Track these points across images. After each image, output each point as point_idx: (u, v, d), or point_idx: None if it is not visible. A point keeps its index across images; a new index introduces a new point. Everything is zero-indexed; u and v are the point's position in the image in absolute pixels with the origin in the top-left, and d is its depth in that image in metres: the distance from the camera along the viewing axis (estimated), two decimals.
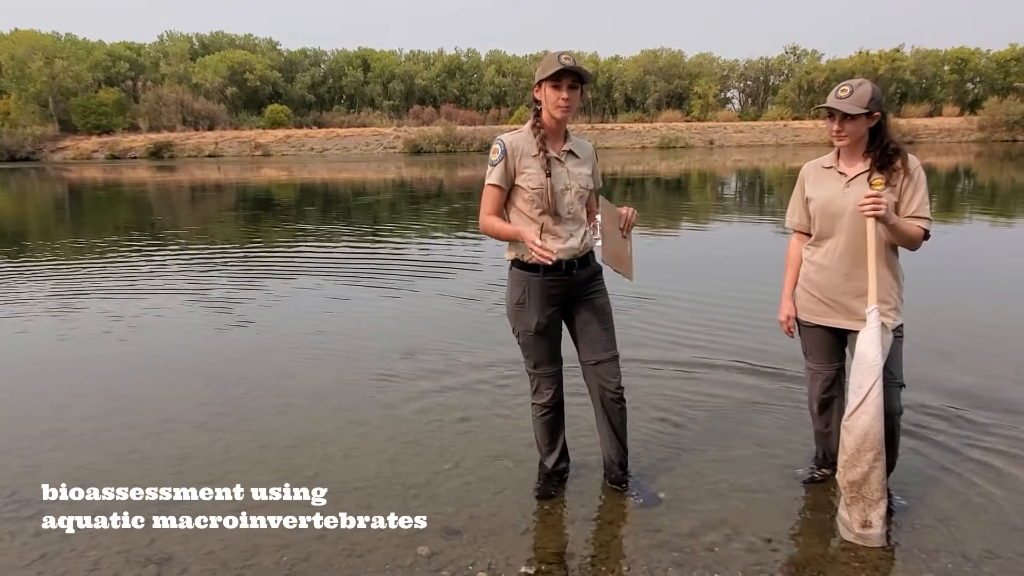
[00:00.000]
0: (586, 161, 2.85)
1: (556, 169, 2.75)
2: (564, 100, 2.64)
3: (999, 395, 4.02)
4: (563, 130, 2.80)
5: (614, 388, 2.90)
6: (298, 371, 4.72)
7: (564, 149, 2.80)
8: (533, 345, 2.90)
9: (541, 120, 2.75)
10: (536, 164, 2.73)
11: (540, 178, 2.72)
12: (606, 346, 2.89)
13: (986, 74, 72.04)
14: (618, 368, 2.92)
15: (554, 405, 3.02)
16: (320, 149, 52.59)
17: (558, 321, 2.92)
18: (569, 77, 2.63)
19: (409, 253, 9.77)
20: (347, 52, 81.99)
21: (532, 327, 2.85)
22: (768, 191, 20.17)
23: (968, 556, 2.55)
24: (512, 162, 2.76)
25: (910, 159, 2.68)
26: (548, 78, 2.64)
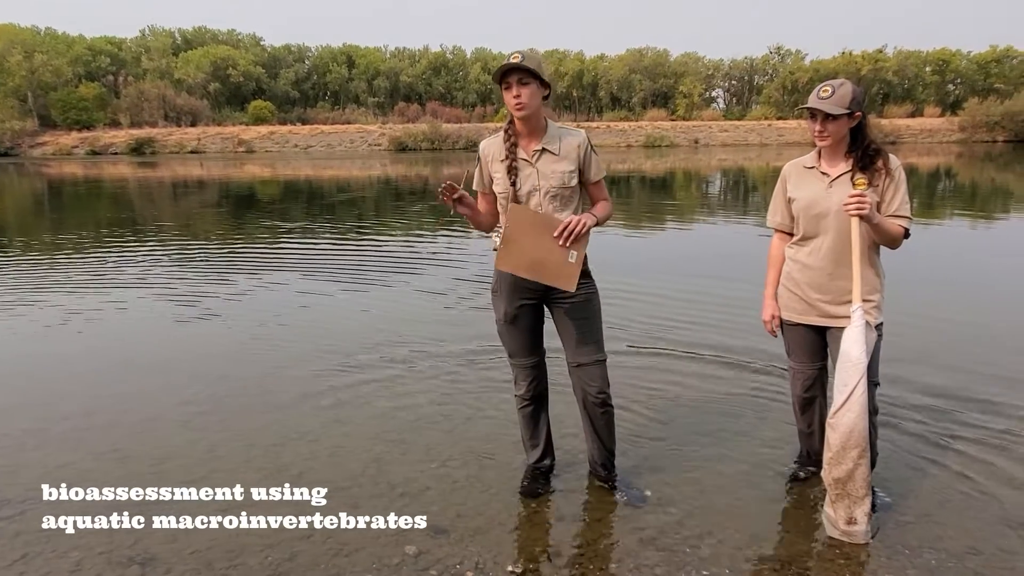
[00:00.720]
0: (566, 156, 2.74)
1: (524, 172, 2.73)
2: (515, 98, 2.61)
3: (978, 391, 4.07)
4: (537, 127, 2.73)
5: (595, 392, 2.87)
6: (280, 369, 4.68)
7: (536, 148, 2.73)
8: (505, 334, 2.94)
9: (514, 126, 2.74)
10: (503, 169, 2.74)
11: (504, 183, 2.74)
12: (589, 350, 2.85)
13: (967, 75, 72.99)
14: (602, 372, 2.87)
15: (532, 398, 3.02)
16: (304, 146, 52.29)
17: (533, 315, 2.90)
18: (515, 75, 2.59)
19: (391, 249, 9.72)
20: (332, 48, 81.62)
21: (501, 315, 2.89)
22: (752, 190, 20.30)
23: (951, 552, 2.58)
24: (486, 168, 2.81)
25: (891, 159, 2.70)
26: (498, 80, 2.63)
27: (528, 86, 2.61)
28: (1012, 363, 4.57)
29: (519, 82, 2.61)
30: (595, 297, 2.86)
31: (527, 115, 2.66)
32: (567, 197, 2.76)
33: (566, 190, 2.75)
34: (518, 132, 2.75)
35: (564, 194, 2.75)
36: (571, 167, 2.75)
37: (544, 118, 2.76)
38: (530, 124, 2.71)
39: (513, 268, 2.69)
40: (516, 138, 2.75)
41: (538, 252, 2.65)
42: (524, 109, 2.63)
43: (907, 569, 2.49)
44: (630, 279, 6.99)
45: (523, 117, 2.67)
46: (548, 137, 2.75)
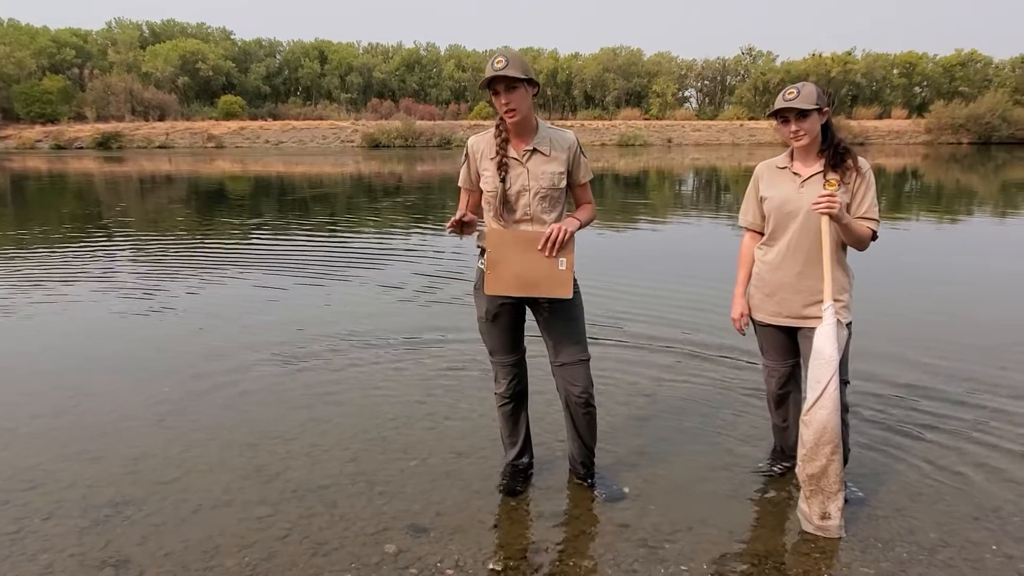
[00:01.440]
0: (557, 158, 2.74)
1: (514, 171, 2.72)
2: (506, 105, 2.61)
3: (945, 386, 4.16)
4: (528, 128, 2.73)
5: (578, 392, 2.86)
6: (254, 367, 4.63)
7: (527, 148, 2.73)
8: (486, 332, 2.94)
9: (504, 123, 2.73)
10: (492, 167, 2.73)
11: (494, 182, 2.72)
12: (572, 349, 2.85)
13: (933, 78, 74.58)
14: (586, 372, 2.87)
15: (512, 396, 3.02)
16: (275, 141, 51.64)
17: (515, 314, 2.90)
18: (501, 82, 2.58)
19: (360, 245, 9.66)
20: (303, 43, 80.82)
21: (483, 313, 2.89)
22: (725, 189, 20.52)
23: (922, 545, 2.64)
24: (474, 164, 2.80)
25: (860, 159, 2.75)
26: (485, 87, 2.62)
27: (516, 91, 2.60)
28: (977, 358, 4.68)
29: (507, 89, 2.60)
30: (578, 297, 2.85)
31: (519, 119, 2.65)
32: (556, 198, 2.76)
33: (555, 191, 2.75)
34: (509, 130, 2.74)
35: (553, 195, 2.75)
36: (561, 168, 2.75)
37: (535, 118, 2.75)
38: (521, 125, 2.71)
39: (505, 290, 2.70)
40: (507, 135, 2.74)
41: (526, 269, 2.66)
42: (515, 114, 2.63)
43: (880, 562, 2.54)
44: (602, 276, 7.03)
45: (515, 122, 2.66)
46: (539, 137, 2.74)
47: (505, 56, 2.58)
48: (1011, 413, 3.82)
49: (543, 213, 2.74)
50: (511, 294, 2.71)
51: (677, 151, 44.71)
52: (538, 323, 2.92)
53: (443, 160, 34.22)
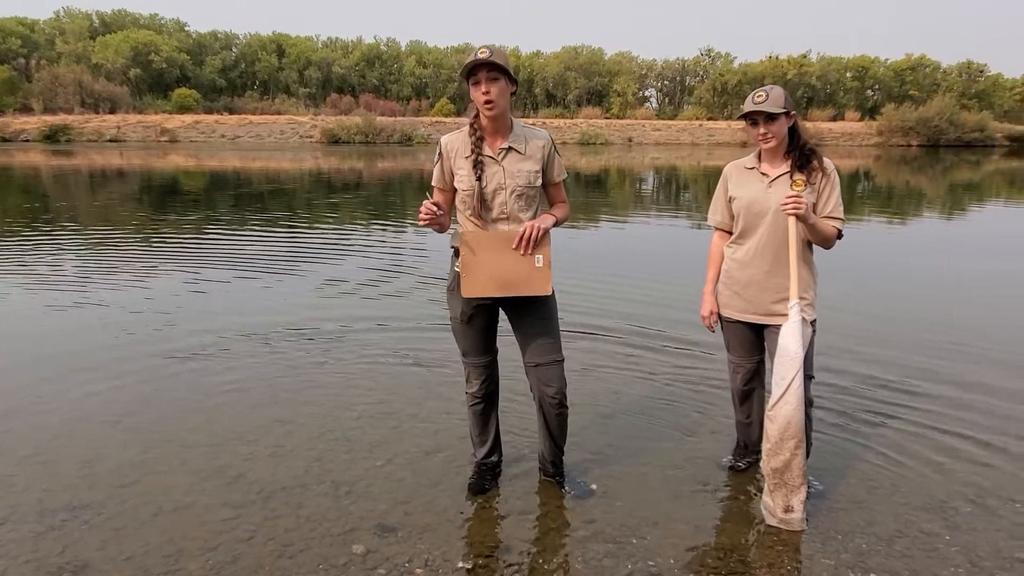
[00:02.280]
0: (532, 156, 2.74)
1: (490, 169, 2.70)
2: (485, 95, 2.59)
3: (899, 382, 4.29)
4: (504, 125, 2.72)
5: (553, 393, 2.86)
6: (212, 366, 4.54)
7: (503, 146, 2.71)
8: (460, 333, 2.92)
9: (479, 120, 2.71)
10: (467, 166, 2.71)
11: (470, 180, 2.70)
12: (546, 350, 2.84)
13: (884, 82, 76.71)
14: (560, 373, 2.87)
15: (484, 396, 3.02)
16: (232, 136, 50.61)
17: (488, 314, 2.90)
18: (484, 70, 2.56)
19: (314, 240, 9.54)
20: (260, 36, 79.46)
21: (457, 314, 2.87)
22: (684, 188, 20.80)
23: (880, 536, 2.72)
24: (448, 163, 2.76)
25: (825, 160, 2.82)
26: (466, 76, 2.60)
27: (497, 82, 2.59)
28: (928, 353, 4.82)
29: (488, 78, 2.57)
30: (551, 298, 2.84)
31: (497, 113, 2.63)
32: (532, 196, 2.76)
33: (531, 189, 2.74)
34: (484, 128, 2.72)
35: (529, 193, 2.74)
36: (536, 167, 2.75)
37: (510, 117, 2.74)
38: (497, 122, 2.69)
39: (482, 292, 2.69)
40: (482, 134, 2.72)
41: (503, 269, 2.65)
42: (494, 107, 2.60)
43: (840, 553, 2.60)
44: (565, 274, 7.06)
45: (493, 115, 2.64)
46: (514, 136, 2.73)
47: (489, 47, 2.56)
48: (961, 406, 3.95)
49: (520, 212, 2.73)
50: (489, 295, 2.70)
51: (638, 150, 45.15)
52: (512, 324, 2.92)
53: (404, 157, 33.96)
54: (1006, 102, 74.20)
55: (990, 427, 3.69)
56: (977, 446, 3.49)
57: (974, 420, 3.78)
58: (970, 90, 72.93)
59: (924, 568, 2.52)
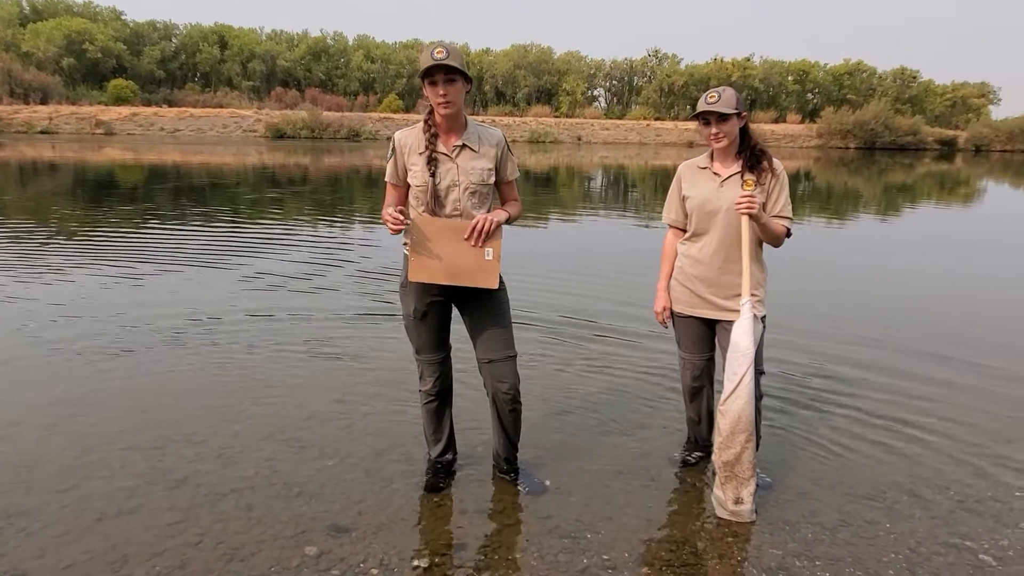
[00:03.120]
0: (485, 154, 2.76)
1: (444, 166, 2.71)
2: (442, 96, 2.60)
3: (841, 377, 4.44)
4: (458, 123, 2.73)
5: (507, 389, 2.87)
6: (155, 366, 4.40)
7: (456, 144, 2.72)
8: (413, 330, 2.91)
9: (433, 117, 2.71)
10: (421, 162, 2.71)
11: (423, 176, 2.70)
12: (499, 346, 2.85)
13: (824, 86, 79.12)
14: (513, 369, 2.88)
15: (438, 393, 3.01)
16: (171, 129, 49.04)
17: (442, 312, 2.89)
18: (441, 72, 2.57)
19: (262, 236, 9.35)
20: (202, 27, 77.23)
21: (410, 311, 2.86)
22: (633, 186, 21.08)
23: (825, 525, 2.81)
24: (401, 159, 2.76)
25: (774, 161, 2.90)
26: (423, 75, 2.60)
27: (454, 83, 2.60)
28: (868, 348, 5.01)
29: (445, 80, 2.58)
30: (504, 294, 2.87)
31: (452, 112, 2.64)
32: (485, 194, 2.77)
33: (484, 187, 2.76)
34: (438, 125, 2.72)
35: (483, 191, 2.76)
36: (490, 165, 2.77)
37: (464, 115, 2.75)
38: (452, 120, 2.70)
39: (429, 278, 2.68)
40: (436, 131, 2.72)
41: (452, 258, 2.65)
42: (450, 107, 2.62)
43: (788, 543, 2.68)
44: (517, 269, 7.08)
45: (447, 115, 2.65)
46: (468, 134, 2.75)
47: (445, 47, 2.56)
48: (899, 398, 4.12)
49: (473, 209, 2.74)
50: (435, 282, 2.69)
51: (586, 149, 45.55)
52: (464, 320, 2.91)
53: (351, 153, 33.50)
54: (937, 107, 77.48)
55: (926, 418, 3.86)
56: (913, 437, 3.64)
57: (912, 412, 3.94)
58: (904, 95, 75.90)
59: (866, 555, 2.61)
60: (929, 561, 2.59)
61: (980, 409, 4.01)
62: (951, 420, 3.85)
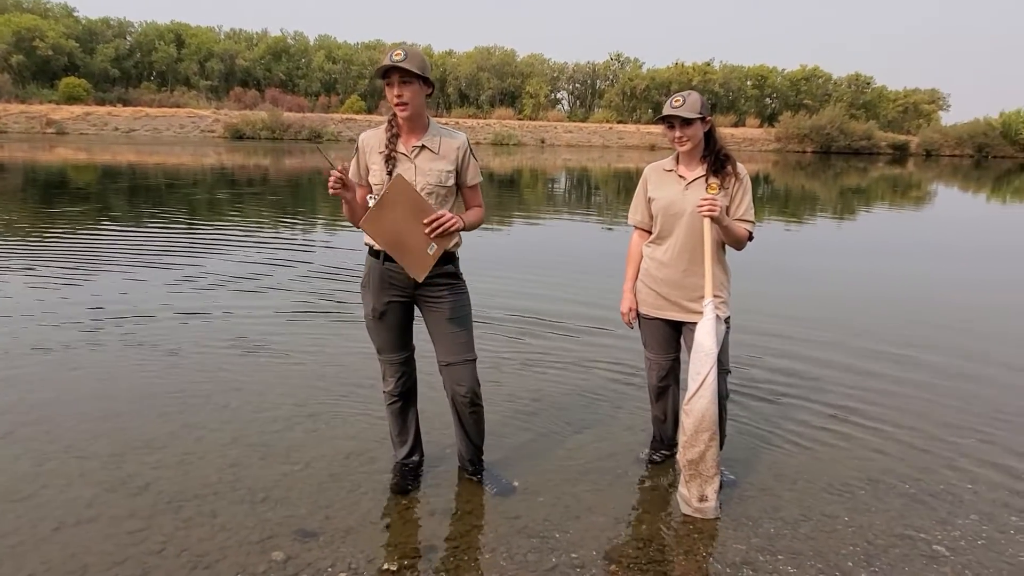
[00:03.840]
0: (446, 156, 2.77)
1: (401, 166, 2.72)
2: (398, 98, 2.62)
3: (804, 374, 4.55)
4: (420, 125, 2.75)
5: (464, 392, 2.89)
6: (112, 372, 4.30)
7: (416, 144, 2.74)
8: (373, 329, 2.92)
9: (396, 118, 2.73)
10: (380, 161, 2.73)
11: (381, 175, 2.72)
12: (458, 349, 2.87)
13: (781, 91, 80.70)
14: (472, 372, 2.89)
15: (401, 394, 3.01)
16: (126, 129, 47.87)
17: (402, 311, 2.89)
18: (397, 74, 2.59)
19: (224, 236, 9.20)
20: (158, 25, 75.53)
21: (370, 311, 2.87)
22: (596, 189, 21.25)
23: (786, 520, 2.87)
24: (363, 158, 2.79)
25: (738, 165, 2.96)
26: (379, 76, 2.61)
27: (410, 85, 2.62)
28: (826, 347, 5.14)
29: (400, 81, 2.60)
30: (466, 298, 2.90)
31: (410, 114, 2.66)
32: (443, 196, 2.78)
33: (443, 189, 2.76)
34: (400, 126, 2.75)
35: (441, 192, 2.76)
36: (449, 167, 2.78)
37: (427, 117, 2.77)
38: (412, 121, 2.72)
39: (376, 234, 2.65)
40: (398, 131, 2.75)
41: (404, 230, 2.63)
42: (406, 109, 2.64)
43: (751, 538, 2.74)
44: (481, 269, 7.10)
45: (406, 116, 2.67)
46: (429, 135, 2.76)
47: (404, 50, 2.60)
48: (856, 394, 4.24)
49: (438, 204, 2.75)
50: (375, 240, 2.67)
51: (550, 151, 45.73)
52: (425, 321, 2.92)
53: (313, 154, 33.11)
54: (890, 113, 79.59)
55: (881, 414, 3.98)
56: (869, 432, 3.74)
57: (868, 407, 4.06)
58: (858, 101, 77.82)
59: (826, 548, 2.68)
60: (886, 553, 2.67)
61: (931, 404, 4.15)
62: (904, 415, 3.98)
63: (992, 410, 4.10)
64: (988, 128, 59.28)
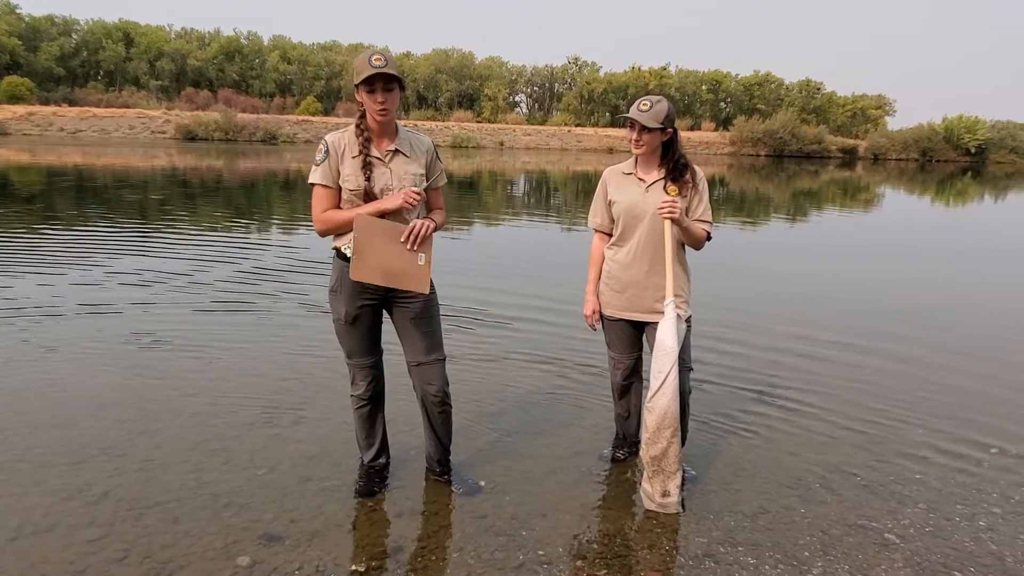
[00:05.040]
0: (417, 159, 2.80)
1: (378, 170, 2.72)
2: (380, 103, 2.62)
3: (760, 372, 4.67)
4: (390, 128, 2.76)
5: (434, 392, 2.91)
6: (66, 378, 4.19)
7: (389, 148, 2.74)
8: (344, 334, 2.90)
9: (365, 121, 2.72)
10: (355, 165, 2.71)
11: (358, 180, 2.70)
12: (427, 349, 2.89)
13: (735, 95, 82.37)
14: (441, 372, 2.92)
15: (370, 398, 3.00)
16: (72, 130, 46.42)
17: (373, 315, 2.89)
18: (382, 80, 2.60)
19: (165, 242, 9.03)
20: (105, 23, 73.55)
21: (341, 315, 2.85)
22: (555, 191, 21.38)
23: (746, 513, 2.96)
24: (335, 161, 2.74)
25: (697, 171, 3.04)
26: (362, 83, 2.61)
27: (392, 92, 2.63)
28: (781, 345, 5.29)
29: (384, 88, 2.61)
30: (435, 298, 2.91)
31: (388, 120, 2.68)
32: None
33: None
34: (371, 130, 2.74)
35: None
36: (421, 170, 2.80)
37: (395, 120, 2.77)
38: (386, 126, 2.73)
39: (368, 277, 2.67)
40: (369, 135, 2.73)
41: (389, 259, 2.66)
42: (387, 115, 2.65)
43: (712, 532, 2.81)
44: (446, 270, 7.10)
45: (383, 121, 2.68)
46: (400, 139, 2.77)
47: (383, 55, 2.59)
48: (810, 390, 4.36)
49: (406, 214, 2.75)
50: (373, 282, 2.69)
51: (509, 154, 45.85)
52: (394, 323, 2.93)
53: (268, 156, 32.63)
54: (839, 117, 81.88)
55: (835, 409, 4.11)
56: (824, 426, 3.87)
57: (822, 402, 4.20)
58: (809, 106, 79.93)
59: (784, 539, 2.77)
60: (840, 542, 2.77)
61: (880, 397, 4.31)
62: (855, 408, 4.12)
63: (937, 402, 4.27)
64: (932, 133, 61.45)
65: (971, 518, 2.99)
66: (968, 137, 60.97)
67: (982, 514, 3.02)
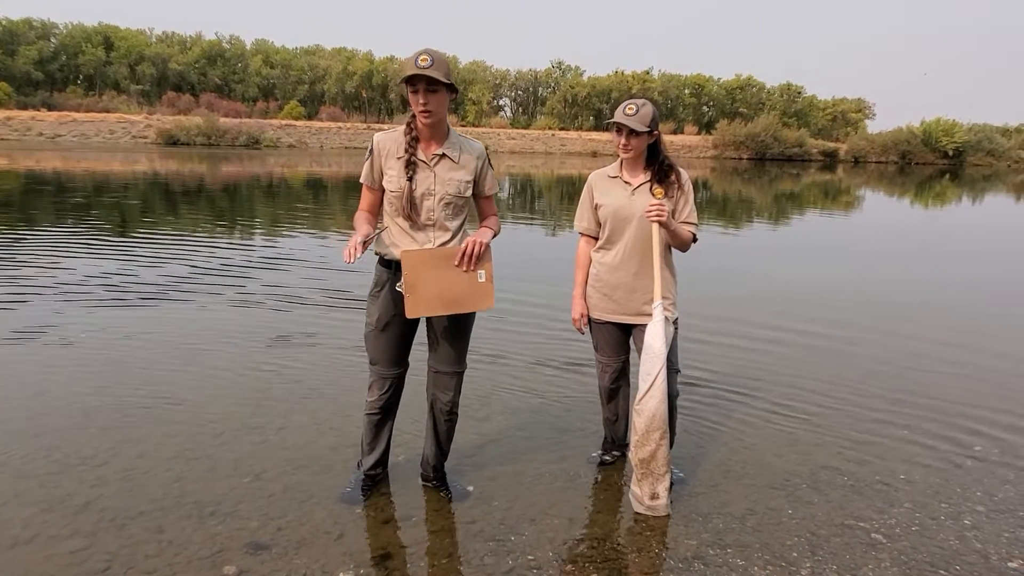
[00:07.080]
0: (465, 167, 2.74)
1: (421, 173, 2.68)
2: (423, 106, 2.56)
3: (747, 375, 4.69)
4: (440, 132, 2.70)
5: (445, 401, 2.92)
6: (48, 386, 4.13)
7: (437, 152, 2.69)
8: (372, 340, 2.86)
9: (415, 121, 2.66)
10: (398, 167, 2.67)
11: (400, 181, 2.66)
12: (450, 360, 2.88)
13: (718, 99, 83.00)
14: (457, 385, 2.92)
15: (381, 408, 2.96)
16: (51, 135, 45.93)
17: (407, 326, 2.83)
18: (423, 82, 2.53)
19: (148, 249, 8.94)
20: (84, 27, 72.88)
21: (373, 321, 2.82)
22: (540, 195, 21.42)
23: (734, 515, 2.96)
24: (378, 162, 2.71)
25: (682, 174, 3.06)
26: (404, 82, 2.56)
27: (436, 93, 2.56)
28: (768, 347, 5.32)
29: (427, 89, 2.54)
30: (473, 312, 2.86)
31: (434, 121, 2.62)
32: (460, 206, 2.76)
33: (460, 199, 2.74)
34: (419, 131, 2.68)
35: (458, 203, 2.74)
36: (468, 177, 2.75)
37: (447, 124, 2.72)
38: (433, 129, 2.67)
39: (427, 311, 2.65)
40: (417, 136, 2.68)
41: (447, 287, 2.63)
42: (431, 116, 2.59)
43: (701, 533, 2.81)
44: None
45: (428, 124, 2.62)
46: (449, 143, 2.72)
47: (430, 55, 2.52)
48: (796, 393, 4.39)
49: (446, 220, 2.72)
50: (435, 314, 2.67)
51: (494, 158, 45.38)
52: (427, 327, 2.89)
53: (252, 160, 32.41)
54: (819, 121, 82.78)
55: (820, 411, 4.13)
56: (810, 427, 3.89)
57: (808, 404, 4.22)
58: (790, 109, 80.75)
59: (772, 540, 2.78)
60: (828, 542, 2.78)
61: (865, 398, 4.34)
62: (840, 409, 4.14)
63: (921, 402, 4.31)
64: (911, 136, 62.30)
65: (956, 517, 3.01)
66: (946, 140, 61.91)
67: (967, 512, 3.05)
